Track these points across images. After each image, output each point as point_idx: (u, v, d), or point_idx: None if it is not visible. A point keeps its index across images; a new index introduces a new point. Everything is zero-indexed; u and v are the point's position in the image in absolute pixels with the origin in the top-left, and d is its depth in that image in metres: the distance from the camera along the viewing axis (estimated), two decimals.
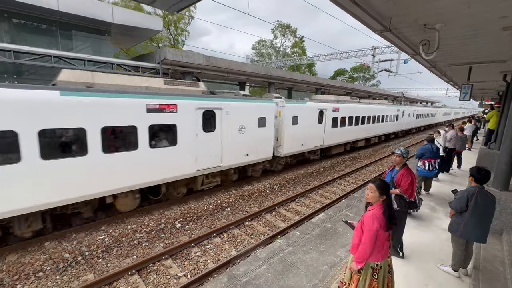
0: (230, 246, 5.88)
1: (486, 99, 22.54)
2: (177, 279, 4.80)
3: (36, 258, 5.20)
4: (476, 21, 3.80)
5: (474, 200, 3.37)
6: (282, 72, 15.81)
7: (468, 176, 3.60)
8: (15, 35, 8.22)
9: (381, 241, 2.53)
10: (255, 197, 8.91)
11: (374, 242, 2.47)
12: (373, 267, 2.58)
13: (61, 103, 5.13)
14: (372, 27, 4.10)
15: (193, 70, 11.01)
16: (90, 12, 8.69)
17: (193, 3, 2.89)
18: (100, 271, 4.97)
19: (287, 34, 41.04)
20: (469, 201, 3.40)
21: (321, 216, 6.02)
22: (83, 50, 9.52)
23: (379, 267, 2.58)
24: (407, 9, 3.54)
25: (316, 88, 20.08)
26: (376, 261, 2.58)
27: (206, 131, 7.67)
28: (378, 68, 25.08)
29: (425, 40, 4.65)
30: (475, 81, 10.21)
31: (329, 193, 9.62)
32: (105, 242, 5.85)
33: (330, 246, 4.69)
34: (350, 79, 47.57)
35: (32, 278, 4.70)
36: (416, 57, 6.23)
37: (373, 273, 2.57)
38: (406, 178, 3.91)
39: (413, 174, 4.03)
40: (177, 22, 28.37)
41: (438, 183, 8.14)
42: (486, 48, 5.30)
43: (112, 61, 8.92)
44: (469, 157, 11.33)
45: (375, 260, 2.57)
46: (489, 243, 4.08)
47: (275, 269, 4.04)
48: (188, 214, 7.35)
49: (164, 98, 6.73)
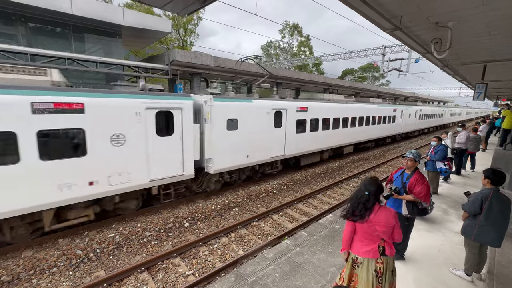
0: (237, 246, 5.91)
1: (502, 99, 21.78)
2: (185, 277, 4.86)
3: (50, 254, 5.37)
4: (492, 18, 3.69)
5: (489, 202, 3.27)
6: (289, 72, 15.74)
7: (483, 178, 3.49)
8: (31, 39, 8.53)
9: (361, 234, 2.55)
10: (263, 197, 8.91)
11: (349, 229, 2.62)
12: (353, 258, 2.62)
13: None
14: (382, 26, 4.03)
15: (201, 71, 11.13)
16: (102, 15, 8.92)
17: (203, 6, 2.93)
18: (111, 268, 5.09)
19: (295, 34, 40.90)
20: (483, 203, 3.30)
21: (329, 217, 5.97)
22: (95, 52, 9.78)
23: (360, 262, 2.54)
24: (418, 7, 3.47)
25: (324, 88, 19.89)
26: (357, 255, 2.57)
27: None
28: (388, 68, 24.62)
29: (437, 39, 4.55)
30: (490, 80, 9.88)
31: (337, 194, 9.52)
32: (116, 240, 5.98)
33: (338, 248, 4.65)
34: (359, 78, 46.92)
35: (47, 273, 4.86)
36: (427, 56, 6.09)
37: (352, 264, 2.61)
38: (421, 182, 3.66)
39: (426, 178, 3.87)
40: (186, 24, 28.70)
41: (450, 185, 7.93)
42: (501, 45, 5.13)
43: (123, 63, 9.12)
44: (484, 159, 10.98)
45: (355, 253, 2.59)
46: (504, 248, 3.96)
47: (282, 269, 4.03)
48: (196, 214, 7.43)
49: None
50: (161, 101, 6.59)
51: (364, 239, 2.54)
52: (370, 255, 2.49)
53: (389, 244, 2.52)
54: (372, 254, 2.48)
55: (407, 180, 3.80)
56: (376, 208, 2.48)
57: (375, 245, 2.49)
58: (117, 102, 5.95)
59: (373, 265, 2.48)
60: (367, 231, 2.49)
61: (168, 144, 6.85)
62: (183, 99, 7.06)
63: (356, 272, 2.56)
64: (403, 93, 32.15)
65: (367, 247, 2.51)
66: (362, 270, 2.51)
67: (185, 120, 7.10)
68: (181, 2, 2.84)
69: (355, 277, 2.58)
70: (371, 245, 2.50)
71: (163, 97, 6.69)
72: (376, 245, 2.49)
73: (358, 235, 2.58)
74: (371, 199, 2.48)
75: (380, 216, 2.44)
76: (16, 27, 8.21)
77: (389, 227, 2.45)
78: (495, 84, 11.64)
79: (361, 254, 2.53)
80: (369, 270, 2.48)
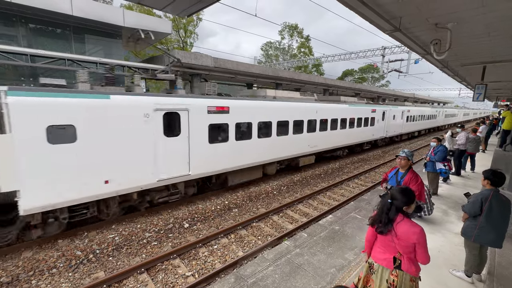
0: (237, 247, 5.90)
1: (502, 100, 21.81)
2: (185, 278, 4.85)
3: (50, 255, 5.36)
4: (491, 19, 3.70)
5: (489, 203, 3.27)
6: (289, 73, 15.76)
7: (482, 179, 3.49)
8: (32, 40, 8.54)
9: (379, 241, 2.49)
10: (263, 198, 8.90)
11: (370, 233, 2.58)
12: (369, 262, 2.61)
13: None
14: (381, 27, 4.04)
15: (201, 72, 11.14)
16: (102, 16, 8.92)
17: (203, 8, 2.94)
18: (111, 269, 5.08)
19: (294, 35, 40.97)
20: (483, 204, 3.30)
21: (329, 218, 5.97)
22: (95, 53, 9.78)
23: (376, 268, 2.50)
24: (418, 8, 3.48)
25: (324, 89, 19.91)
26: (373, 260, 2.55)
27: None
28: (388, 69, 24.66)
29: (437, 40, 4.56)
30: (490, 81, 9.90)
31: (337, 195, 9.52)
32: (116, 241, 5.97)
33: (338, 249, 4.64)
34: (359, 79, 46.98)
35: (46, 274, 4.85)
36: (427, 57, 6.10)
37: (369, 268, 2.60)
38: (415, 181, 3.77)
39: (419, 176, 3.92)
40: (186, 25, 28.77)
41: (450, 186, 7.92)
42: (501, 46, 5.14)
43: (123, 64, 9.12)
44: (484, 159, 10.98)
45: (373, 257, 2.58)
46: (504, 249, 3.94)
47: (282, 270, 4.02)
48: (196, 215, 7.42)
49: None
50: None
51: (382, 246, 2.48)
52: (384, 263, 2.42)
53: (409, 260, 2.32)
54: (386, 263, 2.40)
55: (401, 179, 3.88)
56: (398, 219, 2.31)
57: (391, 255, 2.38)
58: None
59: (387, 275, 2.38)
60: (384, 239, 2.41)
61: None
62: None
63: (373, 278, 2.53)
64: (403, 94, 32.18)
65: (383, 255, 2.45)
66: (377, 277, 2.46)
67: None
68: (181, 4, 2.85)
69: (371, 282, 2.55)
70: (386, 254, 2.43)
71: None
72: (391, 256, 2.37)
73: (377, 241, 2.54)
74: (393, 209, 2.34)
75: (399, 228, 2.28)
76: (17, 28, 8.22)
77: (409, 244, 2.26)
78: (494, 85, 11.66)
79: (377, 260, 2.50)
80: (382, 279, 2.41)
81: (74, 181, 5.53)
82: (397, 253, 2.36)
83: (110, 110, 5.86)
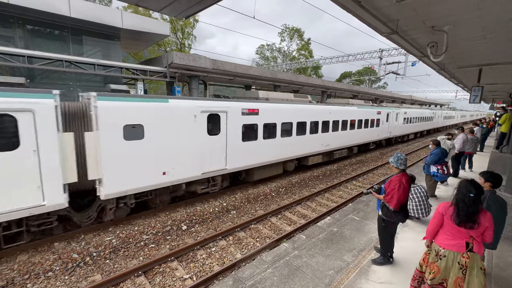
0: (235, 249, 5.88)
1: (498, 102, 22.00)
2: (183, 281, 4.81)
3: (46, 258, 5.30)
4: (486, 23, 3.74)
5: (486, 205, 3.28)
6: (287, 75, 15.82)
7: (483, 181, 3.47)
8: (29, 41, 8.50)
9: (448, 229, 2.69)
10: (261, 200, 8.89)
11: (436, 223, 2.78)
12: (436, 250, 2.76)
13: None
14: (378, 29, 4.08)
15: (199, 74, 11.14)
16: (100, 18, 8.92)
17: (201, 10, 2.95)
18: (108, 272, 5.03)
19: (294, 37, 41.12)
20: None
21: (327, 220, 5.96)
22: (93, 55, 9.76)
23: (443, 254, 2.67)
24: (415, 11, 3.51)
25: (322, 91, 20.00)
26: (439, 246, 2.72)
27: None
28: (386, 71, 24.84)
29: (433, 42, 4.60)
30: (486, 83, 9.99)
31: (336, 196, 9.52)
32: (113, 243, 5.92)
33: (336, 251, 4.64)
34: (357, 81, 47.24)
35: (42, 277, 4.79)
36: (424, 60, 6.15)
37: (436, 257, 2.74)
38: (392, 185, 3.63)
39: (404, 183, 3.64)
40: (184, 27, 28.81)
41: (447, 188, 7.96)
42: (496, 49, 5.20)
43: (121, 65, 9.11)
44: (481, 161, 11.06)
45: (439, 244, 2.74)
46: (502, 250, 3.97)
47: (280, 272, 4.01)
48: (194, 217, 7.39)
49: None
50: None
51: (450, 233, 2.66)
52: (455, 248, 2.61)
53: (478, 243, 2.58)
54: (457, 248, 2.60)
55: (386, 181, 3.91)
56: (482, 212, 2.55)
57: (463, 240, 2.59)
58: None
59: (458, 258, 2.59)
60: (453, 227, 2.62)
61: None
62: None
63: (438, 264, 2.69)
64: (400, 95, 32.39)
65: (454, 241, 2.63)
66: (447, 261, 2.63)
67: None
68: (179, 6, 2.85)
69: (435, 268, 2.71)
70: (457, 239, 2.61)
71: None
72: (464, 241, 2.58)
73: (444, 229, 2.71)
74: (477, 201, 2.53)
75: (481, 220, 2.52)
76: (14, 29, 8.19)
77: (483, 228, 2.54)
78: (491, 87, 11.76)
79: (445, 246, 2.67)
80: (454, 262, 2.60)
81: (141, 172, 6.54)
82: (469, 238, 2.57)
83: (169, 112, 6.89)
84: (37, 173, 5.14)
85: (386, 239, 4.04)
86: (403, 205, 3.72)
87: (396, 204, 3.59)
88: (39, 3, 7.63)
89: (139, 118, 6.34)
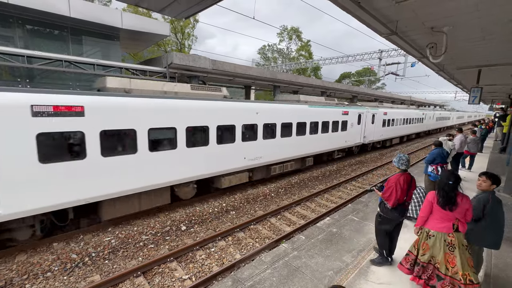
0: (234, 250, 5.87)
1: (497, 103, 22.06)
2: (182, 281, 4.80)
3: (44, 258, 5.28)
4: (485, 24, 3.75)
5: (490, 206, 3.28)
6: (287, 75, 15.82)
7: (489, 183, 3.38)
8: (28, 41, 8.48)
9: (437, 214, 3.16)
10: (260, 200, 8.88)
11: (427, 210, 3.23)
12: (427, 232, 3.25)
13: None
14: (378, 30, 4.08)
15: (199, 74, 11.13)
16: (100, 18, 8.91)
17: (200, 10, 2.95)
18: (106, 272, 5.02)
19: (294, 38, 41.19)
20: (485, 207, 3.31)
21: (327, 221, 5.96)
22: (93, 55, 9.75)
23: (432, 234, 3.17)
24: (414, 12, 3.52)
25: (321, 91, 20.01)
26: (430, 228, 3.21)
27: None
28: (385, 71, 24.88)
29: (433, 43, 4.61)
30: (485, 84, 10.02)
31: (335, 197, 9.52)
32: (112, 244, 5.91)
33: (335, 251, 4.63)
34: (356, 82, 47.32)
35: (41, 278, 4.77)
36: (423, 60, 6.17)
37: (426, 237, 3.24)
38: (388, 184, 3.75)
39: (401, 182, 3.67)
40: (184, 27, 28.83)
41: None
42: (496, 50, 5.21)
43: (121, 65, 9.10)
44: (477, 161, 11.07)
45: (429, 227, 3.23)
46: (501, 251, 3.96)
47: (280, 273, 4.00)
48: (193, 217, 7.38)
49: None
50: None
51: (439, 218, 3.15)
52: (444, 230, 3.11)
53: (461, 223, 3.09)
54: (446, 229, 3.10)
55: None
56: (460, 195, 3.07)
57: (450, 223, 3.09)
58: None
59: (445, 237, 3.10)
60: (441, 212, 3.11)
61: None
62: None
63: (427, 242, 3.21)
64: (400, 96, 32.44)
65: (441, 224, 3.13)
66: (435, 240, 3.14)
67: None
68: (178, 6, 2.85)
69: (425, 246, 3.23)
70: (445, 222, 3.11)
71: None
72: (451, 223, 3.08)
73: (434, 215, 3.20)
74: (455, 187, 3.06)
75: (458, 200, 3.05)
76: (13, 29, 8.17)
77: (464, 210, 3.05)
78: (490, 88, 11.80)
79: (435, 229, 3.16)
80: (441, 241, 3.10)
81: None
82: (455, 220, 3.08)
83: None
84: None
85: (381, 235, 4.08)
86: (401, 204, 3.78)
87: (392, 201, 3.68)
88: (39, 3, 7.62)
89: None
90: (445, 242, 3.09)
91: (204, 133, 7.77)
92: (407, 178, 3.77)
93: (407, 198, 3.81)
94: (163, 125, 6.81)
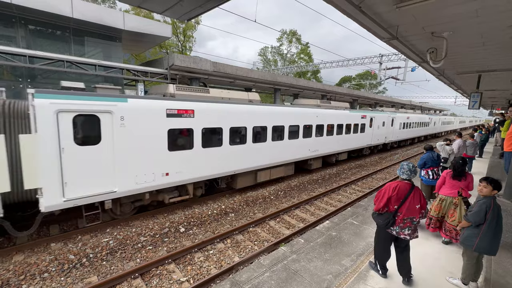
0: (233, 252, 5.84)
1: (497, 108, 22.11)
2: (180, 284, 4.77)
3: (42, 259, 5.26)
4: (485, 30, 3.78)
5: (492, 211, 3.27)
6: (288, 78, 15.89)
7: (491, 188, 3.35)
8: (31, 41, 8.53)
9: (448, 184, 4.81)
10: (260, 203, 8.86)
11: (441, 181, 4.94)
12: (441, 198, 4.86)
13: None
14: (378, 35, 4.11)
15: (200, 76, 11.18)
16: (102, 19, 8.97)
17: (203, 13, 2.97)
18: (104, 273, 4.99)
19: (293, 41, 41.40)
20: (487, 213, 3.30)
21: (326, 224, 5.94)
22: (95, 56, 9.79)
23: (443, 199, 4.81)
24: (415, 17, 3.55)
25: (322, 94, 20.07)
26: (442, 195, 4.85)
27: None
28: (385, 76, 24.97)
29: (433, 48, 4.64)
30: (485, 89, 10.06)
31: (334, 200, 9.50)
32: (110, 245, 5.88)
33: (335, 255, 4.61)
34: (356, 86, 47.45)
35: (38, 278, 4.74)
36: (423, 65, 6.20)
37: (440, 201, 4.86)
38: (383, 188, 3.53)
39: (390, 190, 3.46)
40: (185, 30, 28.99)
41: None
42: (495, 56, 5.24)
43: (122, 66, 9.14)
44: (477, 167, 11.07)
45: (442, 194, 4.86)
46: (500, 257, 3.95)
47: (278, 276, 3.98)
48: (192, 219, 7.35)
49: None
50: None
51: (449, 187, 4.77)
52: (452, 194, 4.70)
53: (465, 191, 4.63)
54: (453, 194, 4.68)
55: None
56: (466, 172, 4.76)
57: (456, 190, 4.64)
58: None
59: (452, 200, 4.69)
60: (452, 182, 4.74)
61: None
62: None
63: (440, 204, 4.83)
64: (400, 100, 32.53)
65: (450, 190, 4.74)
66: (446, 202, 4.78)
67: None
68: (181, 8, 2.87)
69: (439, 207, 4.84)
70: (453, 189, 4.71)
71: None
72: (456, 190, 4.63)
73: (446, 185, 4.83)
74: (464, 165, 4.72)
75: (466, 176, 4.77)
76: (16, 29, 8.21)
77: (468, 182, 4.74)
78: (490, 93, 11.84)
79: (446, 194, 4.79)
80: (449, 202, 4.73)
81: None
82: (460, 189, 4.61)
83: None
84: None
85: (379, 245, 3.89)
86: (390, 212, 3.48)
87: (377, 206, 3.54)
88: (41, 4, 7.67)
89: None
90: (452, 203, 4.67)
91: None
92: (403, 187, 3.43)
93: (400, 209, 3.43)
94: (238, 125, 8.75)
